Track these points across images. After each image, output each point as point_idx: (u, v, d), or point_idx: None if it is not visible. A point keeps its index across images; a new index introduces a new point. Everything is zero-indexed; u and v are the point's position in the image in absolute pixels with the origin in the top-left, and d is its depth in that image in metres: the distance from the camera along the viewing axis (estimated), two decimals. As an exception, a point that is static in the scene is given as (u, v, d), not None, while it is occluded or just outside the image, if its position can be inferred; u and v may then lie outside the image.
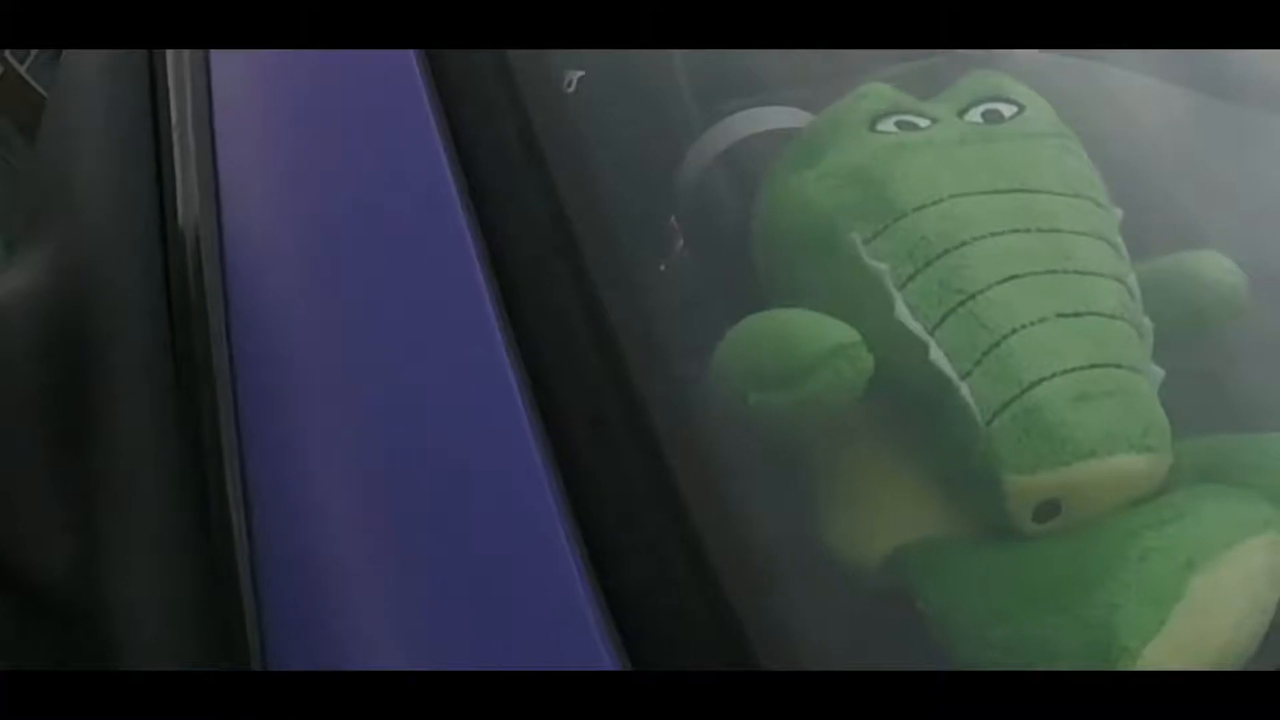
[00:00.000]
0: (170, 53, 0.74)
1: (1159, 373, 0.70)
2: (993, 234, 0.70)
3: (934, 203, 0.70)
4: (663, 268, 0.85)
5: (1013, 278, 0.68)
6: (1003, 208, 0.71)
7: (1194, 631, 0.63)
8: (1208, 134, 1.09)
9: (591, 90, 0.86)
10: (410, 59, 0.68)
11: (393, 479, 0.60)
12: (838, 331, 0.67)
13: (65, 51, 0.81)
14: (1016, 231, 0.70)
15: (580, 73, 1.04)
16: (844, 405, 0.68)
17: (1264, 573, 0.65)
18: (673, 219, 0.83)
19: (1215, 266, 0.79)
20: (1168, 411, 0.74)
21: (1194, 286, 0.78)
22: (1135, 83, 1.09)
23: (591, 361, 0.61)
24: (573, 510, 0.57)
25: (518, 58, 0.69)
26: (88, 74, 0.77)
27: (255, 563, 0.59)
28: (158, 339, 0.66)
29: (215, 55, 0.72)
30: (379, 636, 0.57)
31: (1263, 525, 0.66)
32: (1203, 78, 1.09)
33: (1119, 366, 0.68)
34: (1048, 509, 0.66)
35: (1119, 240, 0.73)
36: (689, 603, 0.56)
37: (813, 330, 0.67)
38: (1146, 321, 0.71)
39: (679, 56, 1.04)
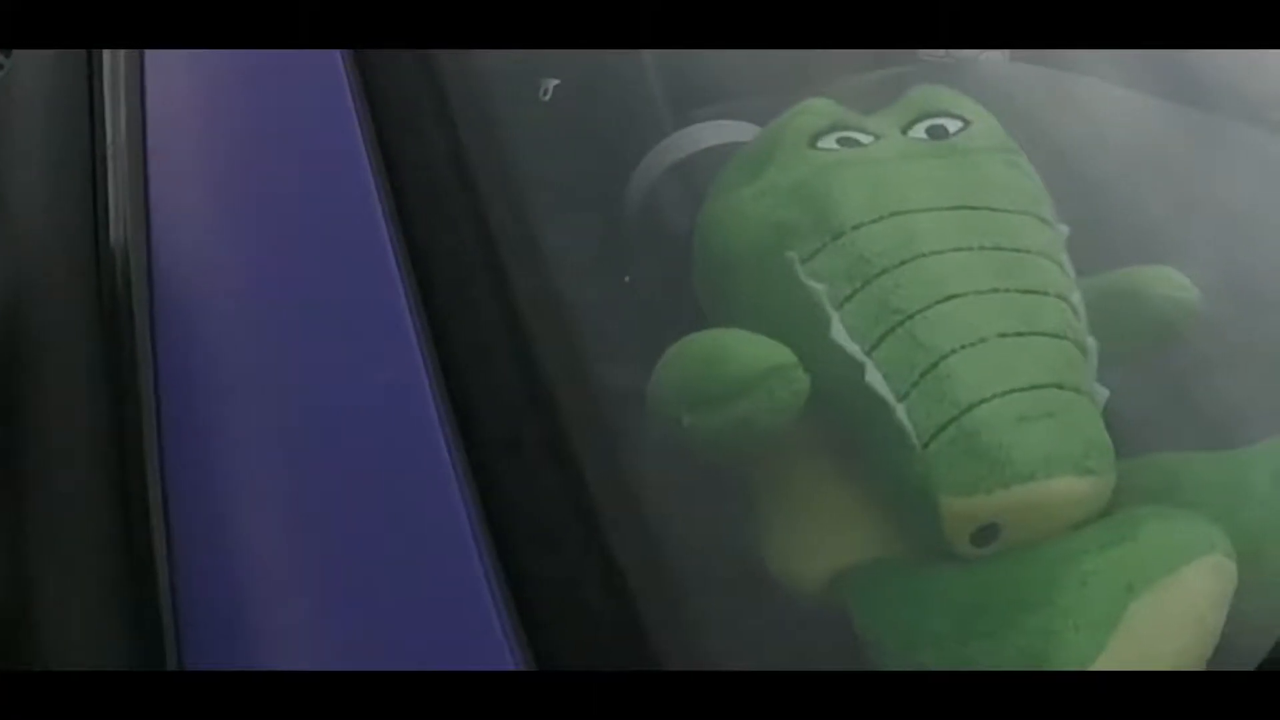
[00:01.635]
0: (108, 66, 0.74)
1: (1104, 392, 0.69)
2: (934, 252, 0.68)
3: (874, 221, 0.69)
4: (627, 279, 0.84)
5: (953, 297, 0.67)
6: (944, 225, 0.69)
7: (1133, 657, 0.61)
8: (1177, 142, 1.09)
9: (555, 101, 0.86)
10: (341, 77, 0.68)
11: (311, 491, 0.60)
12: (772, 352, 0.66)
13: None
14: (958, 250, 0.69)
15: (556, 81, 1.04)
16: (779, 427, 0.67)
17: (1208, 596, 0.64)
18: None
19: (1167, 281, 0.78)
20: (1123, 428, 0.74)
21: (1145, 302, 0.77)
22: (1104, 91, 1.09)
23: (512, 383, 0.60)
24: (488, 527, 0.57)
25: (449, 74, 0.68)
26: (26, 86, 0.77)
27: (174, 566, 0.59)
28: (86, 348, 0.66)
29: (150, 71, 0.72)
30: (294, 639, 0.57)
31: (1208, 548, 0.65)
32: (1172, 86, 1.08)
33: (1060, 387, 0.67)
34: (987, 532, 0.65)
35: (1064, 258, 0.72)
36: (602, 625, 0.55)
37: (746, 351, 0.66)
38: (1091, 340, 0.70)
39: (651, 68, 1.04)
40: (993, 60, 1.10)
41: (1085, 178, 1.03)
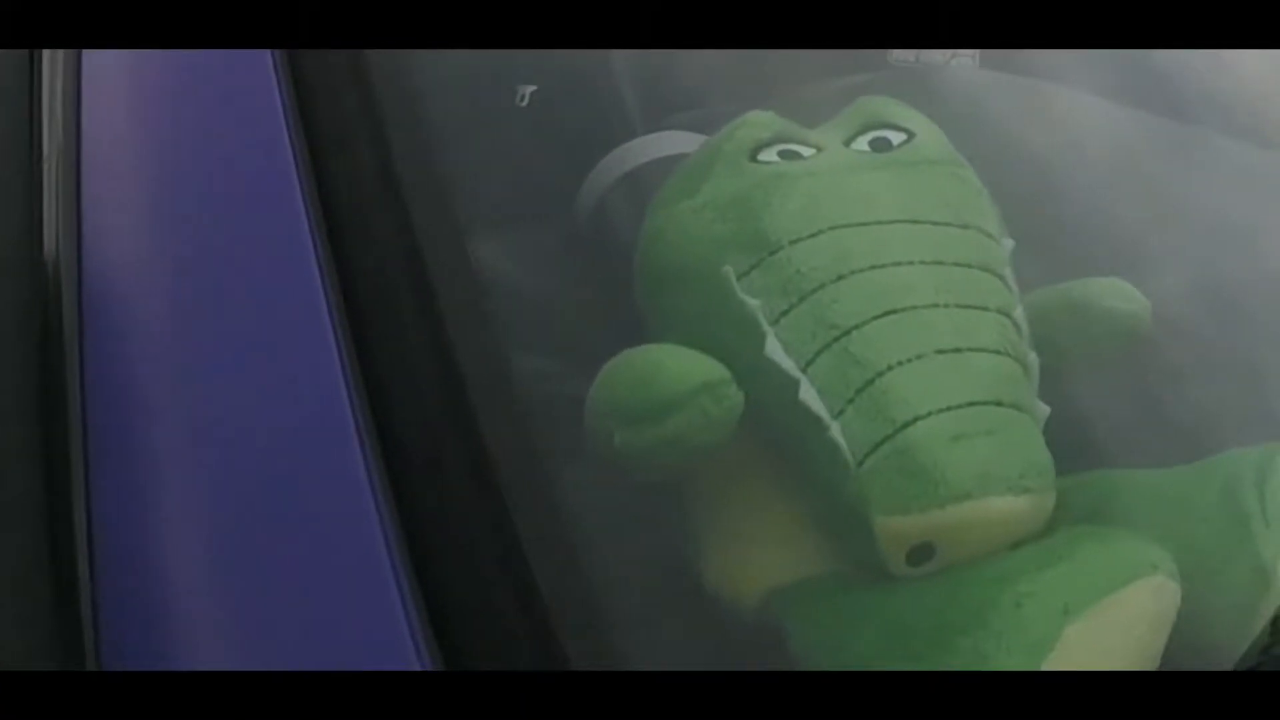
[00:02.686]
0: (46, 70, 0.74)
1: (1044, 409, 0.68)
2: (872, 267, 0.67)
3: (811, 235, 0.68)
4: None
5: (891, 312, 0.66)
6: (884, 240, 0.69)
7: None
8: (1147, 150, 1.08)
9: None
10: (274, 89, 0.67)
11: (231, 500, 0.59)
12: (705, 369, 0.66)
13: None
14: (897, 264, 0.68)
15: (532, 87, 1.04)
16: (712, 444, 0.66)
17: (1149, 618, 0.63)
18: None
19: (1118, 293, 0.77)
20: (1076, 443, 0.73)
21: (1096, 314, 0.76)
22: (1074, 99, 1.07)
23: (434, 402, 0.59)
24: (407, 546, 0.56)
25: (383, 81, 0.68)
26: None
27: (95, 572, 0.59)
28: (15, 356, 0.66)
29: (86, 76, 0.71)
30: (211, 643, 0.57)
31: (1149, 568, 0.63)
32: (1143, 93, 1.07)
33: (999, 404, 0.66)
34: (921, 552, 0.64)
35: (1008, 272, 0.71)
36: (517, 642, 0.55)
37: (679, 367, 0.66)
38: (1033, 356, 0.69)
39: (621, 74, 1.04)
40: (962, 66, 1.10)
41: (1054, 185, 1.02)
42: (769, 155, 0.72)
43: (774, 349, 0.66)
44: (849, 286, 0.67)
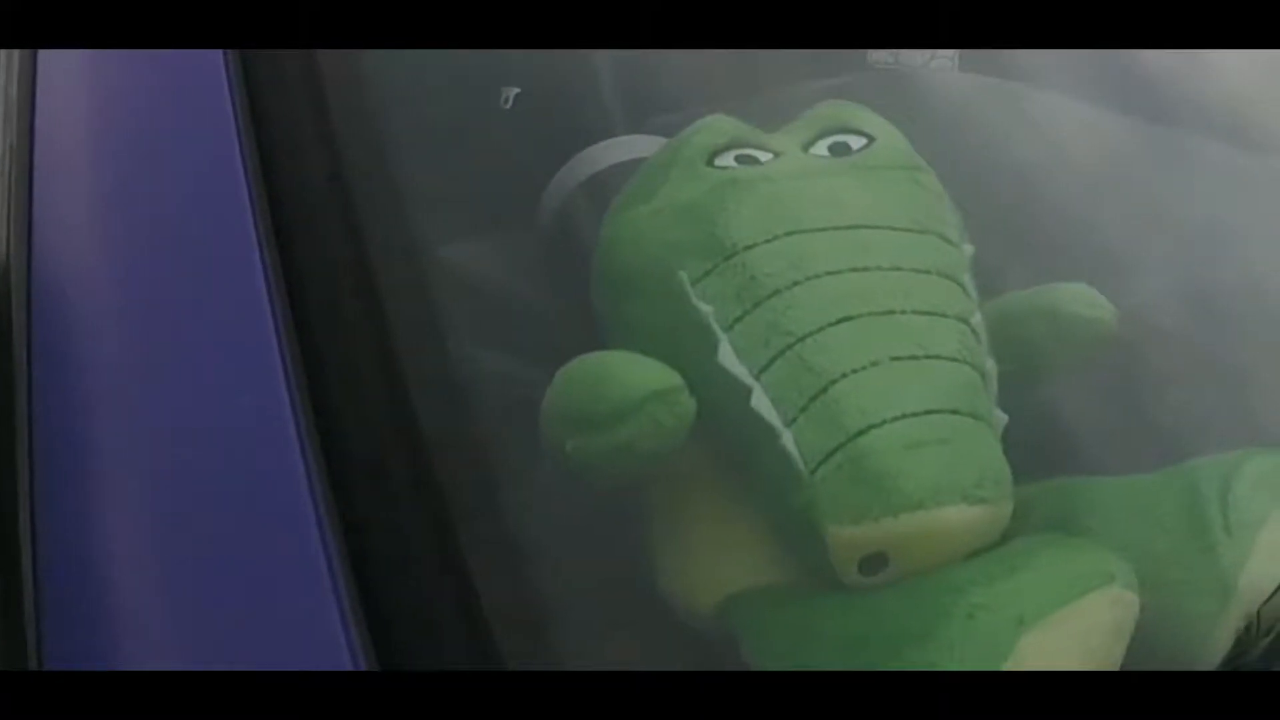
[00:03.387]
0: (2, 70, 0.73)
1: (1003, 418, 0.67)
2: (828, 273, 0.67)
3: (766, 241, 0.67)
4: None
5: (846, 319, 0.66)
6: (840, 245, 0.68)
7: None
8: (1125, 153, 1.07)
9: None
10: (226, 91, 0.66)
11: (175, 505, 0.59)
12: (657, 376, 0.65)
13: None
14: (854, 270, 0.67)
15: (516, 90, 1.03)
16: (665, 452, 0.65)
17: (1105, 629, 0.62)
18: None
19: (1083, 300, 0.76)
20: (1038, 450, 0.72)
21: (1061, 321, 0.75)
22: (1054, 102, 1.07)
23: (379, 408, 0.59)
24: (347, 549, 0.56)
25: (334, 89, 0.67)
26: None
27: (39, 573, 0.59)
28: None
29: (41, 77, 0.71)
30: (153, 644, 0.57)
31: (1106, 579, 0.63)
32: (1123, 97, 1.06)
33: (955, 412, 0.65)
34: (874, 562, 0.63)
35: (967, 278, 0.70)
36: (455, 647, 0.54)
37: (630, 374, 0.65)
38: (991, 364, 0.68)
39: (604, 76, 1.03)
40: (941, 68, 1.09)
41: (1033, 189, 1.02)
42: (726, 160, 0.71)
43: (726, 356, 0.65)
44: (805, 292, 0.66)
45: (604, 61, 1.03)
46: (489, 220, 0.81)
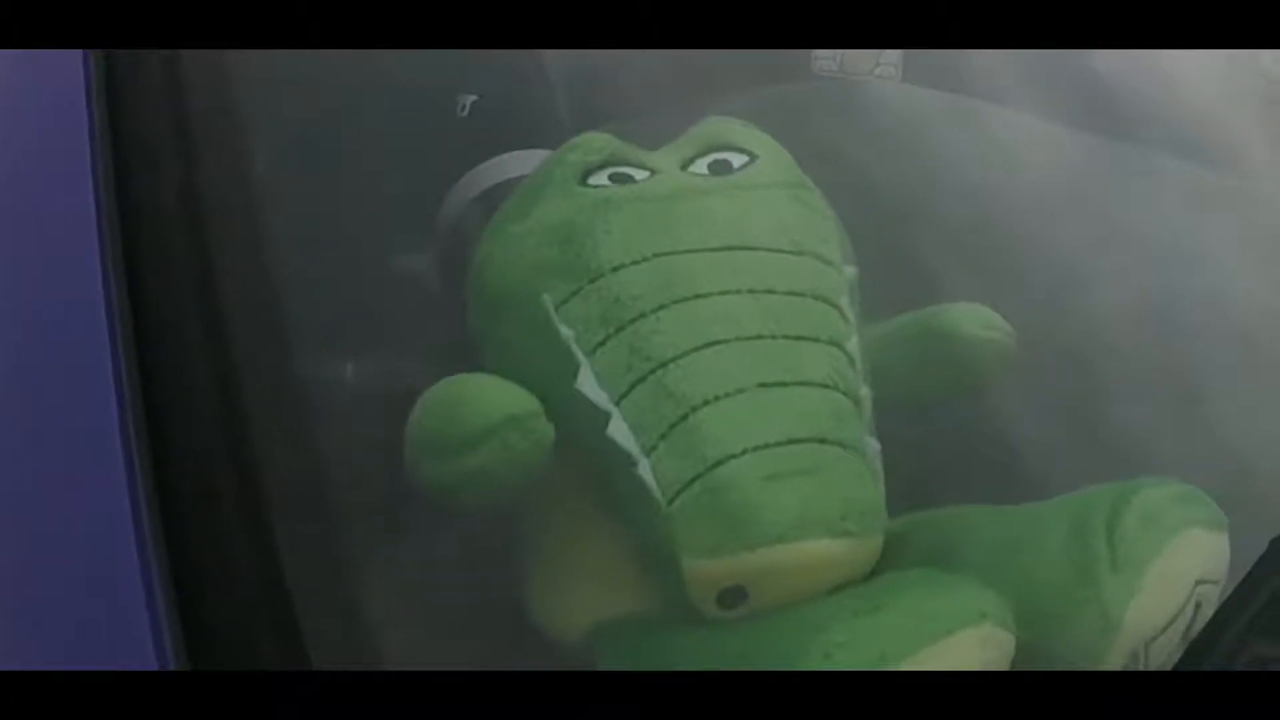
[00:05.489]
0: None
1: (874, 445, 0.65)
2: (696, 296, 0.65)
3: (634, 262, 0.65)
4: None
5: (712, 344, 0.64)
6: (711, 267, 0.66)
7: None
8: (1059, 163, 1.05)
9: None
10: (82, 118, 0.65)
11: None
12: (513, 401, 0.63)
13: None
14: (724, 293, 0.65)
15: (473, 97, 1.02)
16: (521, 478, 0.63)
17: (973, 668, 0.60)
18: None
19: (974, 320, 0.74)
20: (928, 477, 0.69)
21: (952, 342, 0.73)
22: (996, 114, 1.04)
23: (213, 432, 0.57)
24: (172, 578, 0.54)
25: (194, 98, 0.66)
26: None
27: None
28: None
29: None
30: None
31: (977, 617, 0.60)
32: (1062, 107, 1.03)
33: (822, 441, 0.63)
34: (733, 595, 0.61)
35: (844, 301, 0.68)
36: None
37: (486, 399, 0.63)
38: (865, 390, 0.66)
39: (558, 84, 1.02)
40: (885, 76, 1.06)
41: (971, 198, 0.99)
42: (600, 178, 0.69)
43: (586, 381, 0.63)
44: (670, 316, 0.64)
45: (555, 67, 1.02)
46: (358, 233, 0.80)
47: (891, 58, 1.05)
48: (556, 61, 1.02)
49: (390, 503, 0.65)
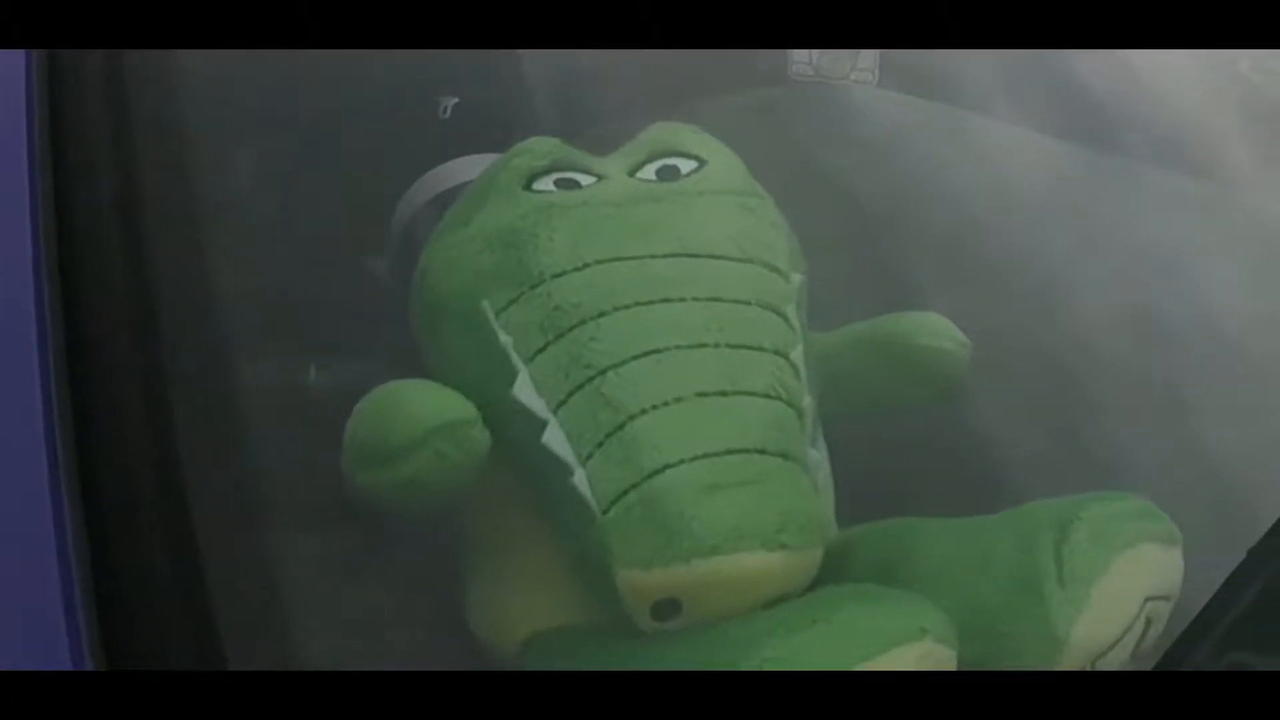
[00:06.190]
0: None
1: (818, 456, 0.64)
2: (638, 304, 0.64)
3: (575, 269, 0.64)
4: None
5: (652, 352, 0.63)
6: (654, 274, 0.65)
7: None
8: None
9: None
10: (21, 119, 0.65)
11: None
12: (448, 409, 0.62)
13: None
14: (667, 301, 0.64)
15: (455, 99, 1.01)
16: (455, 486, 0.63)
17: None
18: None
19: (925, 330, 0.73)
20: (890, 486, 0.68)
21: (903, 352, 0.72)
22: (974, 122, 1.03)
23: (138, 436, 0.57)
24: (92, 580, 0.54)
25: (137, 102, 0.65)
26: None
27: None
28: None
29: None
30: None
31: (916, 633, 0.59)
32: (1038, 115, 1.02)
33: (762, 452, 0.62)
34: (667, 607, 0.60)
35: (791, 309, 0.67)
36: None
37: (420, 407, 0.62)
38: (808, 400, 0.65)
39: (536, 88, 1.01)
40: (862, 80, 1.05)
41: (949, 204, 0.98)
42: (545, 184, 0.68)
43: (524, 388, 0.63)
44: (610, 324, 0.63)
45: (533, 72, 1.02)
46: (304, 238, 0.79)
47: (867, 62, 1.04)
48: (535, 64, 1.02)
49: (323, 508, 0.64)
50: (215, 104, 0.76)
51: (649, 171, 0.69)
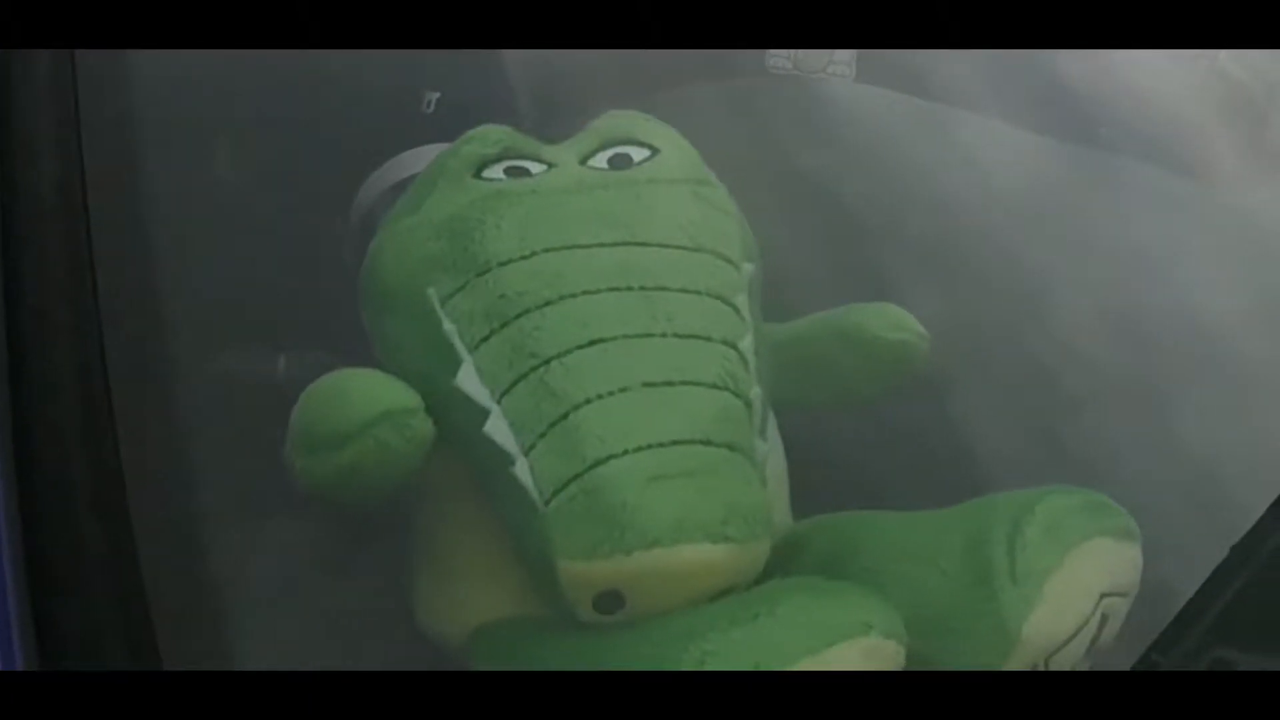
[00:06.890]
0: None
1: (765, 448, 0.63)
2: (585, 292, 0.63)
3: (522, 257, 0.64)
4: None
5: (597, 341, 0.62)
6: (602, 263, 0.64)
7: None
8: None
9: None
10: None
11: None
12: (391, 397, 0.62)
13: None
14: (614, 290, 0.63)
15: (438, 94, 1.01)
16: (398, 475, 0.62)
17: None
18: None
19: (882, 320, 0.72)
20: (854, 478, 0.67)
21: (858, 342, 0.72)
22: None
23: (74, 428, 0.56)
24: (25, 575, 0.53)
25: (86, 96, 0.65)
26: None
27: None
28: None
29: None
30: None
31: (860, 629, 0.58)
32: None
33: (708, 443, 0.61)
34: (610, 600, 0.59)
35: (741, 299, 0.66)
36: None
37: (363, 395, 0.62)
38: (756, 391, 0.64)
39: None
40: (839, 74, 1.04)
41: (926, 199, 0.98)
42: (494, 172, 0.67)
43: (467, 377, 0.62)
44: (555, 313, 0.62)
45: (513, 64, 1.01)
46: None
47: (845, 56, 1.03)
48: (518, 58, 1.01)
49: (261, 500, 0.64)
50: (182, 94, 0.76)
51: (601, 160, 0.69)
